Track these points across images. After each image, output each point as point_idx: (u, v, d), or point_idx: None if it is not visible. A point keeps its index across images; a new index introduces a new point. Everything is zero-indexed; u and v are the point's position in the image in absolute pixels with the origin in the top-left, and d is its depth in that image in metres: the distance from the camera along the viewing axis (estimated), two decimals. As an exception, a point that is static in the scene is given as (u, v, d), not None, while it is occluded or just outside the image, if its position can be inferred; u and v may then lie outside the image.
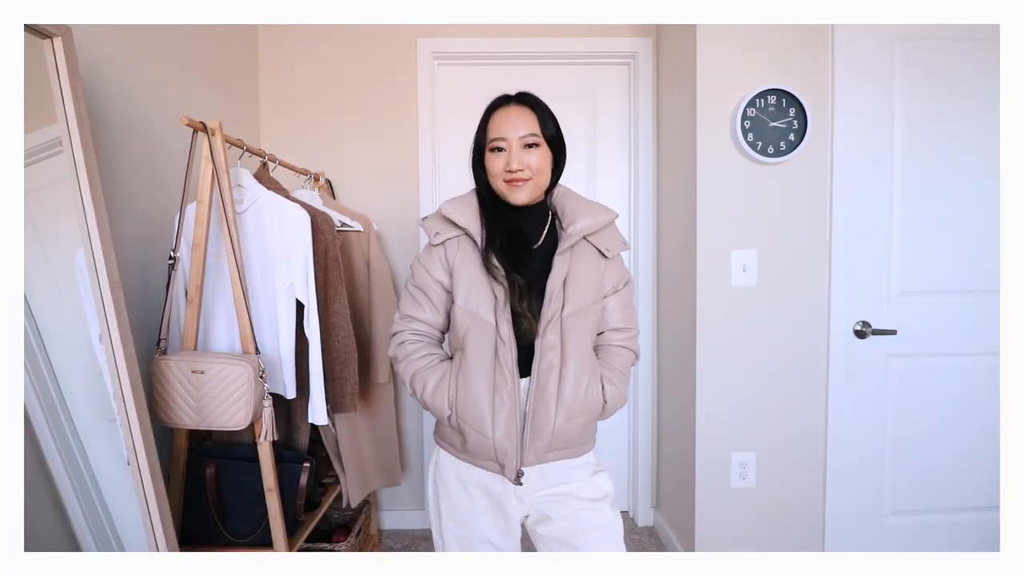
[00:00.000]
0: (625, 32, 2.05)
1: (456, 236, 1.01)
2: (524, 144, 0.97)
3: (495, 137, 0.98)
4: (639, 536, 2.07)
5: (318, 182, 1.84)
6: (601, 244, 1.03)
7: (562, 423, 0.95)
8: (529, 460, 0.95)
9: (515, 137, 0.97)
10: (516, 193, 0.99)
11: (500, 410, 0.93)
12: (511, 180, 0.98)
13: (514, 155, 0.97)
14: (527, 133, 0.97)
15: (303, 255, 1.32)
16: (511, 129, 0.97)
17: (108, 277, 0.98)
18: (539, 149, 0.98)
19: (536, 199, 1.03)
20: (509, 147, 0.97)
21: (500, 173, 0.98)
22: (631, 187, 2.13)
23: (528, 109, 0.99)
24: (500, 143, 0.98)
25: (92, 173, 0.97)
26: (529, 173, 0.97)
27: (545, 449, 0.96)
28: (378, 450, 1.74)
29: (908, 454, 1.75)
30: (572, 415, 0.95)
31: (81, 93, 0.97)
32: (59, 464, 1.00)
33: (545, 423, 0.94)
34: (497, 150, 0.98)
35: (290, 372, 1.33)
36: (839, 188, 1.66)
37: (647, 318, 2.10)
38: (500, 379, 0.93)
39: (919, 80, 1.66)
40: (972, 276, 1.71)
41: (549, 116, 1.01)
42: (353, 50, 2.04)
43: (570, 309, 0.96)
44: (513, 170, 0.96)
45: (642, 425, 2.13)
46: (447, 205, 1.02)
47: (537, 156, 0.98)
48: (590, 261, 1.01)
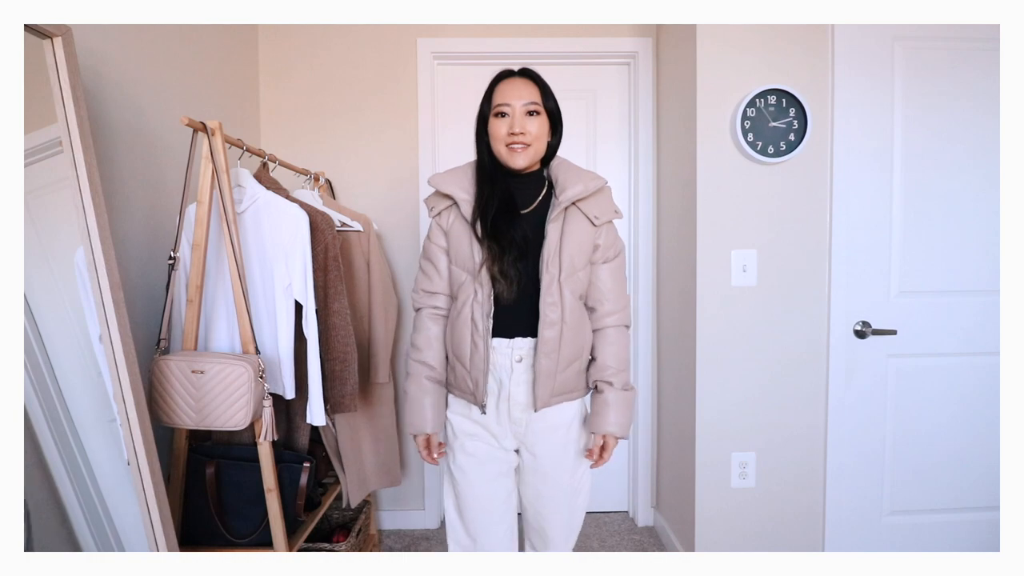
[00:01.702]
0: (625, 32, 2.05)
1: (448, 206, 1.13)
2: (526, 111, 1.06)
3: (499, 103, 1.07)
4: (639, 536, 2.07)
5: (318, 182, 1.84)
6: (590, 212, 1.11)
7: (562, 371, 1.09)
8: (539, 405, 1.09)
9: (518, 104, 1.06)
10: (516, 157, 1.07)
11: (474, 351, 1.08)
12: (512, 143, 1.06)
13: (517, 120, 1.06)
14: (529, 101, 1.06)
15: (301, 255, 1.32)
16: (515, 97, 1.06)
17: (108, 277, 0.98)
18: (539, 117, 1.07)
19: (533, 166, 1.12)
20: (512, 113, 1.06)
21: (503, 137, 1.07)
22: (631, 187, 2.13)
23: (531, 81, 1.09)
24: (504, 108, 1.06)
25: (92, 173, 0.97)
26: (529, 138, 1.06)
27: (550, 395, 1.09)
28: (378, 450, 1.74)
29: (908, 454, 1.75)
30: (569, 363, 1.10)
31: (81, 93, 0.97)
32: (59, 464, 1.00)
33: (550, 373, 1.07)
34: (501, 115, 1.07)
35: (289, 372, 1.33)
36: (839, 188, 1.66)
37: (647, 318, 2.10)
38: (473, 327, 1.07)
39: (919, 80, 1.66)
40: (972, 276, 1.71)
41: (549, 91, 1.10)
42: (353, 50, 2.04)
43: (566, 273, 1.08)
44: (515, 133, 1.05)
45: (642, 425, 2.13)
46: (436, 176, 1.13)
47: (537, 123, 1.07)
48: (581, 227, 1.10)
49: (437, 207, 1.13)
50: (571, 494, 1.17)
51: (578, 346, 1.11)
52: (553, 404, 1.10)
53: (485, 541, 1.15)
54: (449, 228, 1.12)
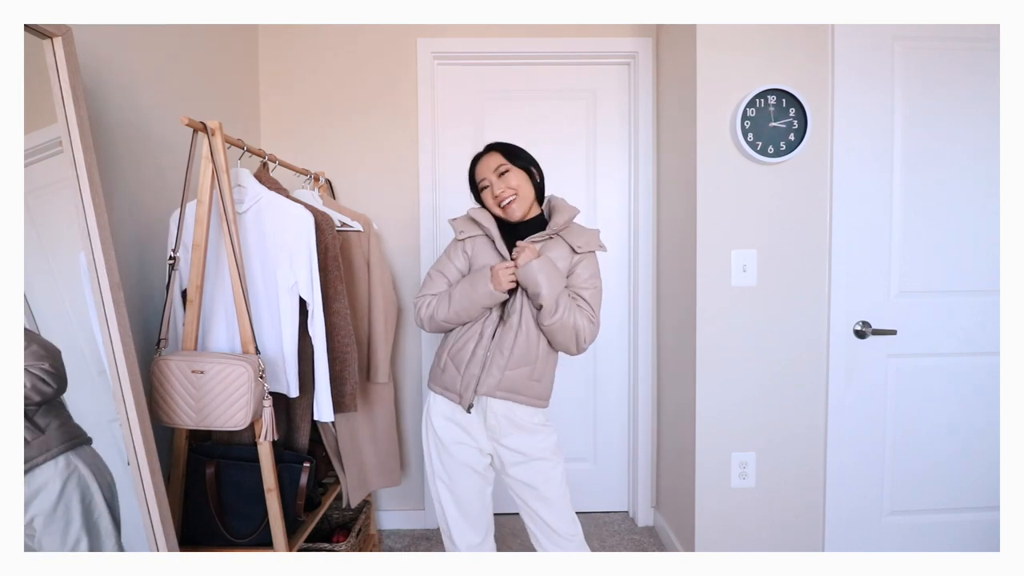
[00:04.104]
0: (625, 32, 2.05)
1: (477, 235, 1.31)
2: (498, 174, 1.27)
3: (479, 180, 1.31)
4: (639, 536, 2.07)
5: (318, 182, 1.84)
6: (574, 241, 1.27)
7: (511, 369, 1.22)
8: (481, 391, 1.22)
9: (491, 174, 1.28)
10: (510, 211, 1.27)
11: (472, 359, 1.24)
12: (501, 202, 1.27)
13: (495, 185, 1.27)
14: (497, 166, 1.27)
15: (307, 254, 1.32)
16: (487, 170, 1.29)
17: (108, 277, 0.98)
18: (511, 172, 1.27)
19: (531, 213, 1.31)
20: (490, 182, 1.28)
21: (493, 203, 1.29)
22: (631, 187, 2.13)
23: (495, 152, 1.30)
24: (484, 182, 1.30)
25: (92, 173, 0.97)
26: (512, 192, 1.26)
27: (497, 385, 1.22)
28: (378, 450, 1.74)
29: (908, 454, 1.75)
30: (518, 365, 1.23)
31: (81, 93, 0.97)
32: (59, 464, 0.99)
33: (500, 366, 1.22)
34: (484, 188, 1.30)
35: (293, 371, 1.33)
36: (839, 188, 1.66)
37: (647, 318, 2.10)
38: (479, 339, 1.25)
39: (919, 80, 1.66)
40: (972, 276, 1.71)
41: (514, 151, 1.30)
42: (353, 50, 2.04)
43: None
44: (498, 195, 1.27)
45: (642, 425, 2.13)
46: (474, 212, 1.33)
47: (514, 177, 1.27)
48: (559, 253, 1.27)
49: (467, 232, 1.31)
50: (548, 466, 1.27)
51: (530, 355, 1.24)
52: (499, 397, 1.23)
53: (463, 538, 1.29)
54: (474, 255, 1.30)
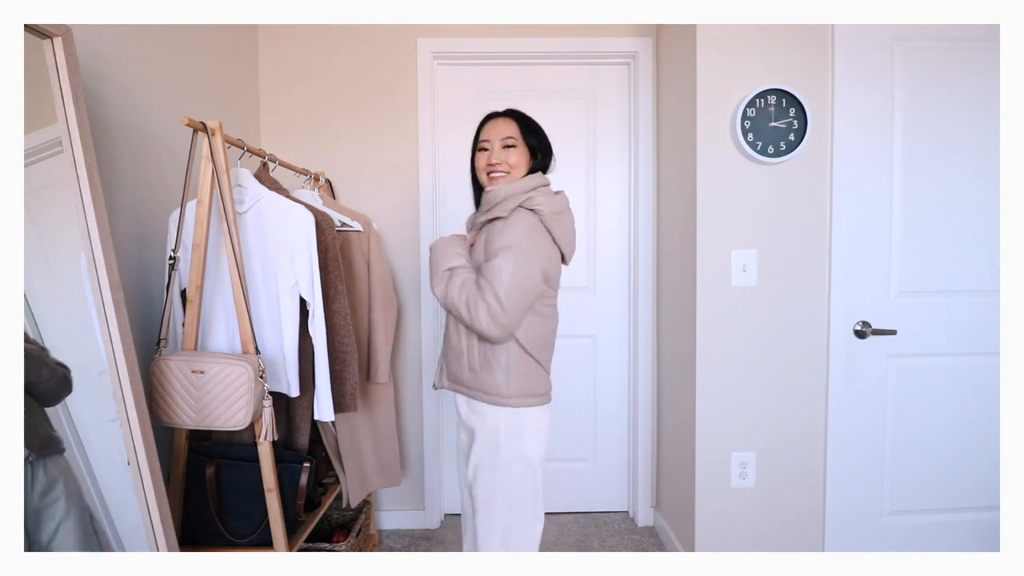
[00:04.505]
0: (625, 32, 2.05)
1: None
2: (503, 145, 1.20)
3: (482, 139, 1.24)
4: (639, 536, 2.07)
5: (318, 182, 1.84)
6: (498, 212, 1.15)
7: (451, 361, 1.23)
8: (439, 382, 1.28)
9: (496, 139, 1.21)
10: (494, 183, 1.20)
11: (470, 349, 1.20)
12: (490, 172, 1.21)
13: (495, 153, 1.20)
14: (507, 136, 1.20)
15: (308, 254, 1.32)
16: (494, 134, 1.21)
17: (108, 277, 0.98)
18: (516, 149, 1.20)
19: None
20: (491, 147, 1.21)
21: (483, 168, 1.22)
22: (631, 187, 2.13)
23: (512, 120, 1.23)
24: (485, 144, 1.22)
25: (92, 173, 0.97)
26: (507, 168, 1.19)
27: (444, 374, 1.26)
28: (378, 450, 1.74)
29: (908, 454, 1.75)
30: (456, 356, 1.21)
31: (81, 93, 0.97)
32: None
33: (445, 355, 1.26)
34: (482, 150, 1.23)
35: (294, 371, 1.33)
36: (839, 188, 1.66)
37: (647, 318, 2.10)
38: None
39: (919, 80, 1.66)
40: (972, 276, 1.71)
41: (532, 128, 1.23)
42: (353, 50, 2.04)
43: None
44: (492, 164, 1.20)
45: (642, 425, 2.13)
46: None
47: (515, 155, 1.20)
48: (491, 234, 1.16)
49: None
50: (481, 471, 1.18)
51: (460, 347, 1.19)
52: (448, 386, 1.26)
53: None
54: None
